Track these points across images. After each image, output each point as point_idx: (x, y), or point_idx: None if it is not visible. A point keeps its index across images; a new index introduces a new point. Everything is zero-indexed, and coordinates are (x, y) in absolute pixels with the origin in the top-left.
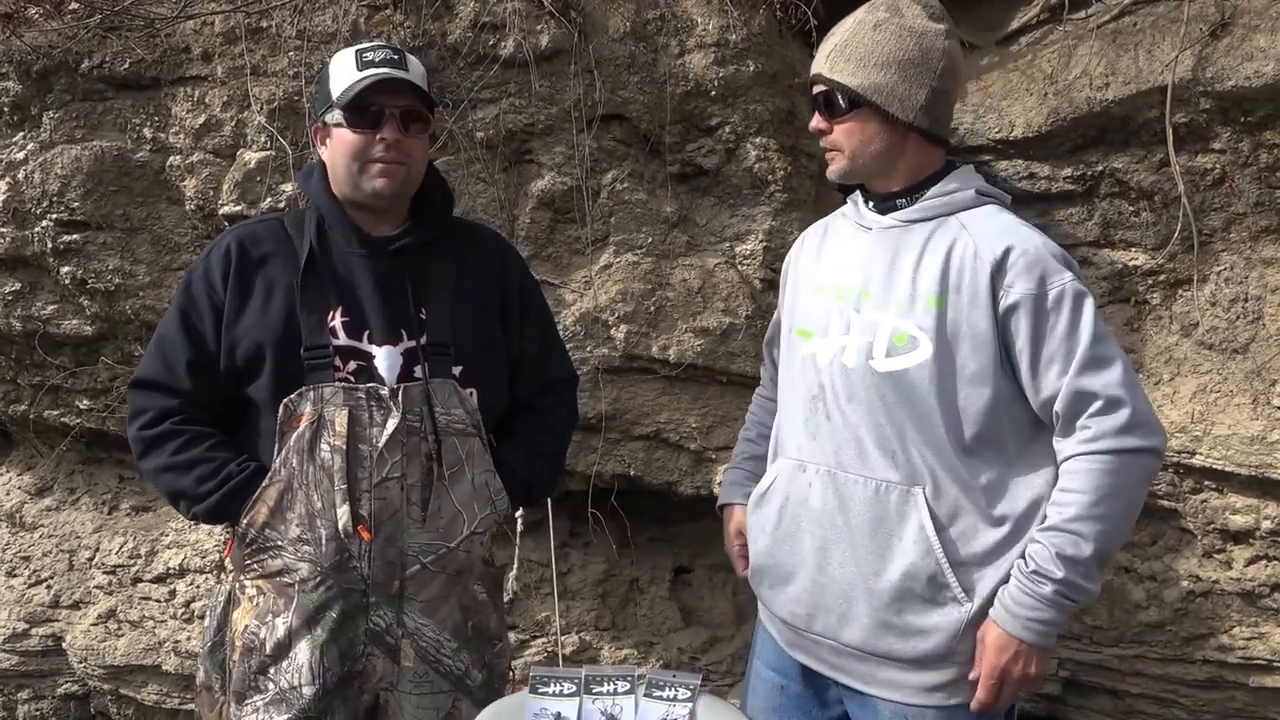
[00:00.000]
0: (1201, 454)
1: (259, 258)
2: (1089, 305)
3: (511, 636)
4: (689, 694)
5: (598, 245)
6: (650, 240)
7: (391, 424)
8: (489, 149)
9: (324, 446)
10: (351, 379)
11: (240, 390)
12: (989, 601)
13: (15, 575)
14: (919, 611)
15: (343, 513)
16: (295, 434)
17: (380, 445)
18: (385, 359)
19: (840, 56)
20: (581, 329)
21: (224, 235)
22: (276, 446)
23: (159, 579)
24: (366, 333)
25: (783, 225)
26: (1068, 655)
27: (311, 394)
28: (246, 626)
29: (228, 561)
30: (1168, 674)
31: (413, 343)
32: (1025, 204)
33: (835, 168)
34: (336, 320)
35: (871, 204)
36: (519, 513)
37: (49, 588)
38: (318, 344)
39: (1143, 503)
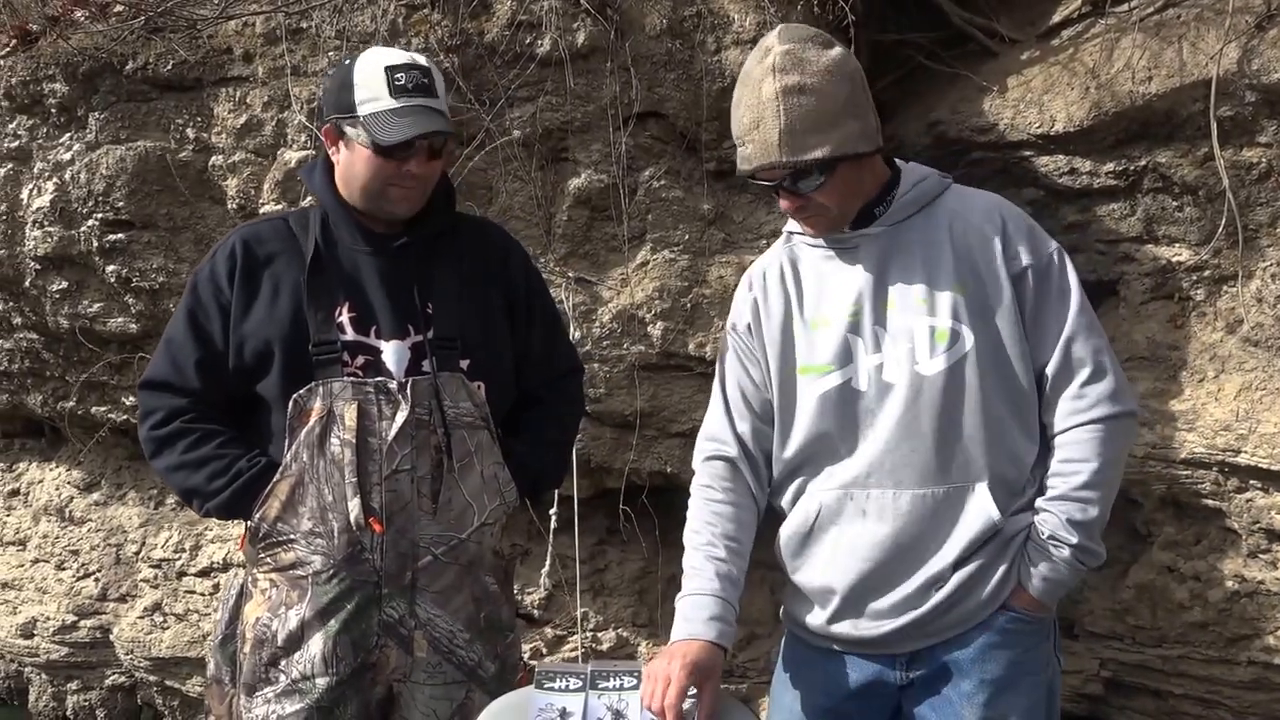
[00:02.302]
0: (1247, 453)
1: (265, 256)
2: (1073, 271)
3: (548, 632)
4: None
5: (634, 243)
6: (687, 237)
7: (400, 417)
8: (526, 147)
9: (334, 440)
10: (360, 374)
11: (249, 388)
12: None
13: (64, 568)
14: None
15: (354, 505)
16: (305, 429)
17: (390, 438)
18: (393, 353)
19: (796, 137)
20: (618, 326)
21: (229, 235)
22: (287, 441)
23: (204, 573)
24: (374, 328)
25: (766, 259)
26: (1110, 655)
27: (321, 389)
28: (258, 619)
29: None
30: (1211, 675)
31: (420, 337)
32: (1067, 199)
33: (823, 225)
34: (344, 316)
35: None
36: (552, 510)
37: (97, 581)
38: (325, 340)
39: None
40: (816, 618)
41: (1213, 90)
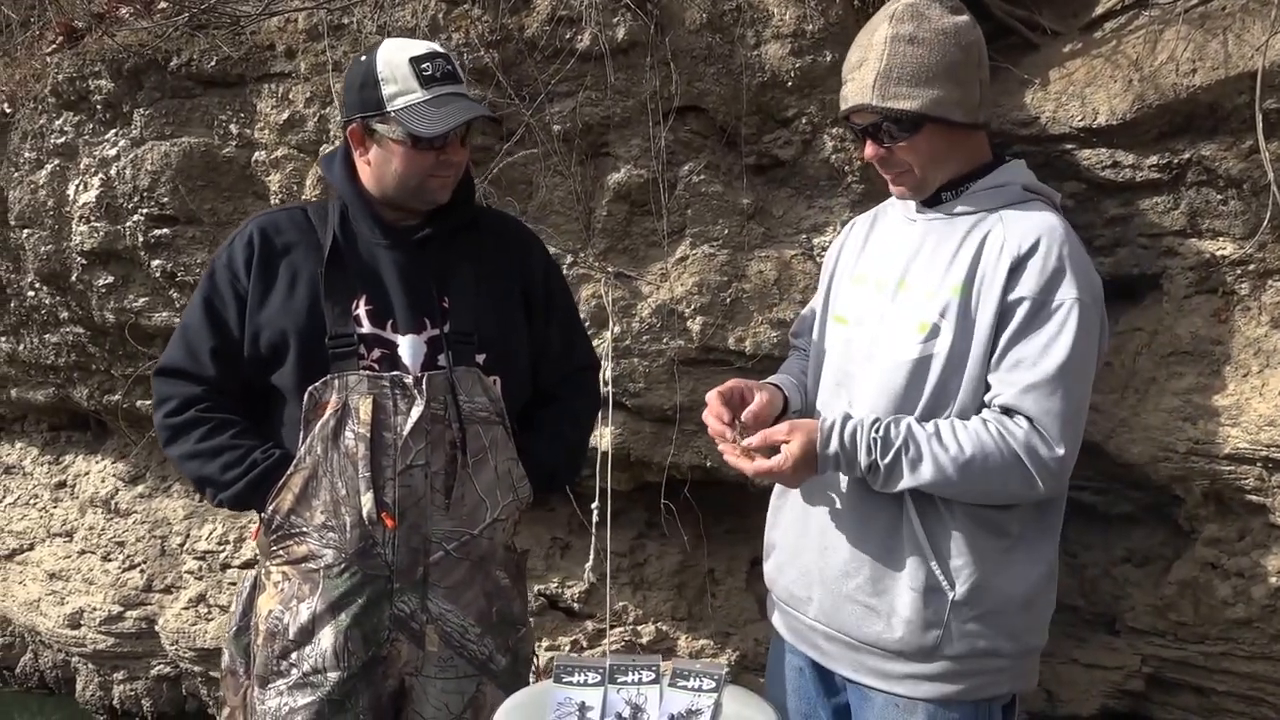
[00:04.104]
0: None
1: (282, 246)
2: (1076, 326)
3: (589, 625)
4: (714, 684)
5: (674, 237)
6: (726, 232)
7: (416, 412)
8: (566, 142)
9: (348, 434)
10: (375, 367)
11: (264, 378)
12: (974, 588)
13: (110, 560)
14: (904, 597)
15: (367, 500)
16: (320, 422)
17: (405, 433)
18: (409, 347)
19: (889, 82)
20: (658, 321)
21: (246, 223)
22: (301, 434)
23: (247, 565)
24: (390, 321)
25: (875, 208)
26: (1152, 652)
27: (336, 382)
28: (270, 611)
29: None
30: (1255, 672)
31: (436, 331)
32: (1109, 193)
33: (905, 187)
34: (361, 309)
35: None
36: (594, 504)
37: (142, 572)
38: (342, 333)
39: (984, 497)
40: (768, 570)
41: (1258, 82)
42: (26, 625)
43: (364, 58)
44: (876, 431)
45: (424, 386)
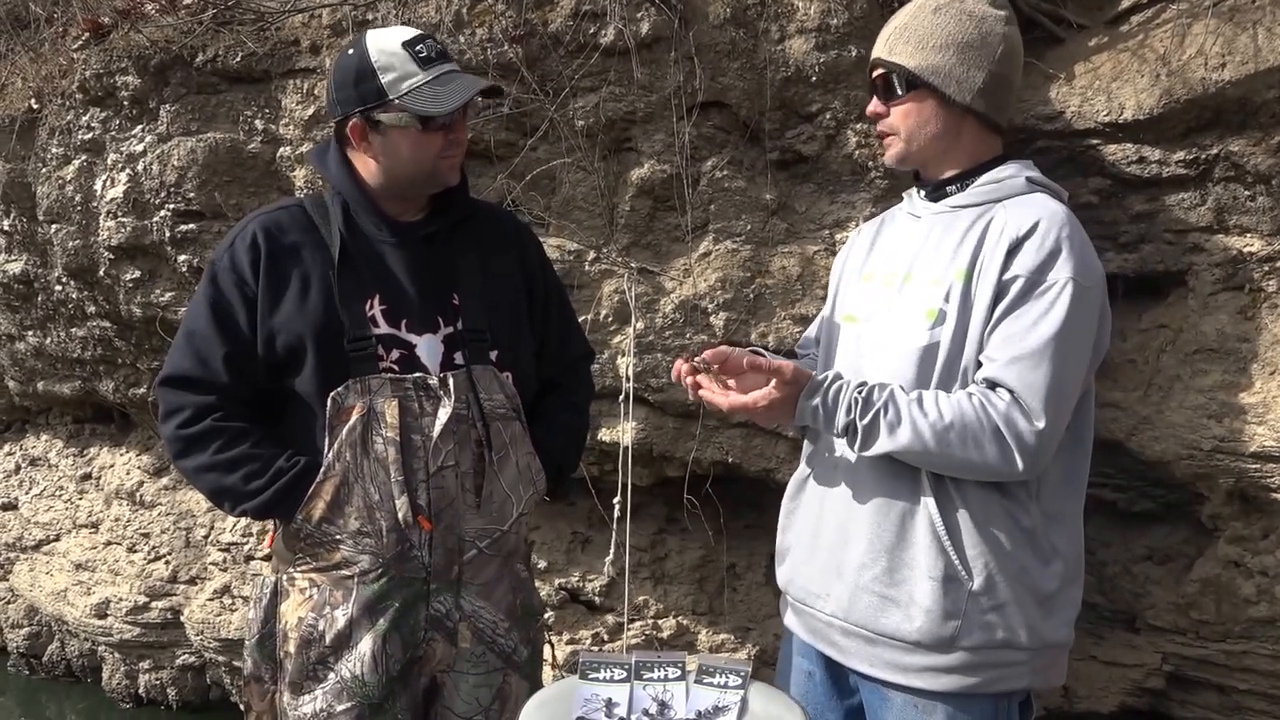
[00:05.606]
0: None
1: (288, 246)
2: (1068, 305)
3: (609, 619)
4: (740, 681)
5: (697, 233)
6: (750, 228)
7: (444, 413)
8: (589, 137)
9: (377, 439)
10: (395, 368)
11: (279, 382)
12: (990, 579)
13: (136, 551)
14: (923, 586)
15: (402, 504)
16: (346, 427)
17: (434, 435)
18: (426, 347)
19: (899, 39)
20: (681, 316)
21: (245, 223)
22: (327, 440)
23: (271, 557)
24: (405, 321)
25: (883, 212)
26: (1172, 650)
27: (359, 386)
28: (302, 619)
29: (270, 552)
30: (1278, 670)
31: (450, 329)
32: (1135, 189)
33: (892, 152)
34: (376, 309)
35: (923, 193)
36: (615, 499)
37: (167, 563)
38: (360, 335)
39: (961, 468)
40: (783, 574)
41: None
42: (53, 615)
43: (350, 52)
44: (860, 392)
45: (450, 387)
